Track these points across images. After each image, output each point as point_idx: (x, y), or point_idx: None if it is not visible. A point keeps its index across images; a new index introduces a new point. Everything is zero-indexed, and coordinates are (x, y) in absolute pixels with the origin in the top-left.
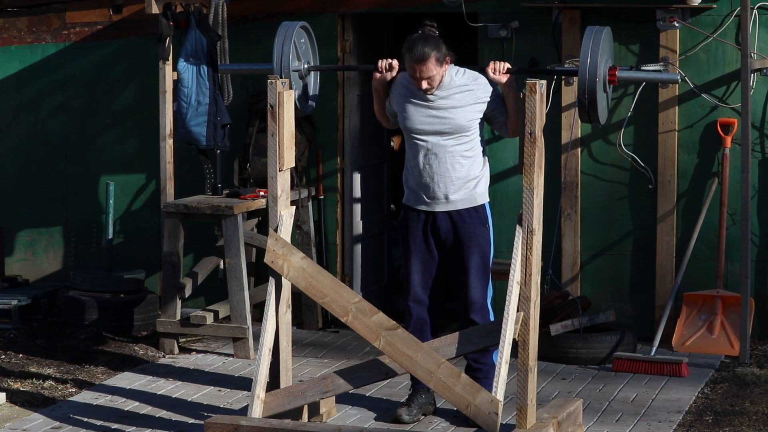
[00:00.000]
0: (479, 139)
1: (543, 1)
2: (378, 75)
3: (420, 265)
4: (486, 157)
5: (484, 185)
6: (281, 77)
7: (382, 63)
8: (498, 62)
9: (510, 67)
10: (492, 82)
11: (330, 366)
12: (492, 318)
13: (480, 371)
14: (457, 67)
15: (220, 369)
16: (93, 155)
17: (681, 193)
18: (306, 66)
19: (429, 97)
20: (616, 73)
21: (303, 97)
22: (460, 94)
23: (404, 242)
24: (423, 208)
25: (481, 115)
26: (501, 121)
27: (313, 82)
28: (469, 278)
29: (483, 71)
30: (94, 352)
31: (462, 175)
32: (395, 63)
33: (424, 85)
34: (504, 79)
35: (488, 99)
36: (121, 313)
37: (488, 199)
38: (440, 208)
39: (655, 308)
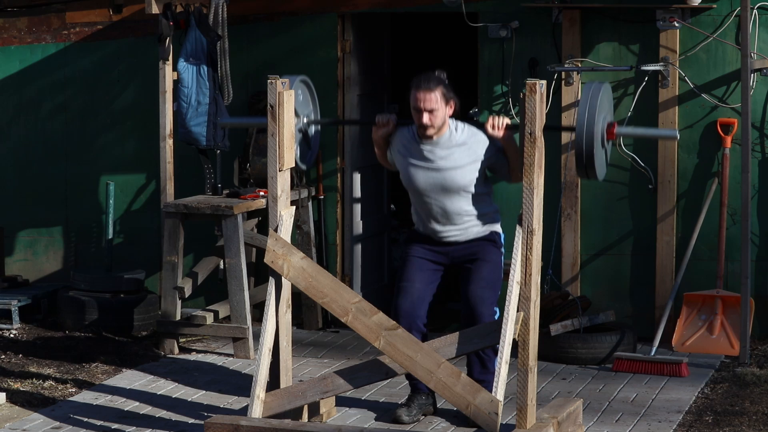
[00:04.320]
0: (484, 193)
1: (543, 1)
2: (377, 129)
3: (418, 290)
4: (496, 210)
5: (495, 226)
6: None
7: (380, 118)
8: (497, 117)
9: (509, 122)
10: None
11: (330, 366)
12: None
13: (482, 365)
14: (457, 122)
15: (220, 369)
16: (93, 155)
17: (681, 193)
18: (305, 120)
19: (428, 156)
20: (614, 130)
21: (304, 151)
22: (459, 153)
23: (406, 254)
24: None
25: (479, 174)
26: (504, 172)
27: (314, 135)
28: (479, 288)
29: (482, 127)
30: (94, 352)
31: (469, 226)
32: (393, 118)
33: (425, 119)
34: (502, 134)
35: (488, 155)
36: (121, 313)
37: (501, 231)
38: (451, 246)
39: (655, 308)
